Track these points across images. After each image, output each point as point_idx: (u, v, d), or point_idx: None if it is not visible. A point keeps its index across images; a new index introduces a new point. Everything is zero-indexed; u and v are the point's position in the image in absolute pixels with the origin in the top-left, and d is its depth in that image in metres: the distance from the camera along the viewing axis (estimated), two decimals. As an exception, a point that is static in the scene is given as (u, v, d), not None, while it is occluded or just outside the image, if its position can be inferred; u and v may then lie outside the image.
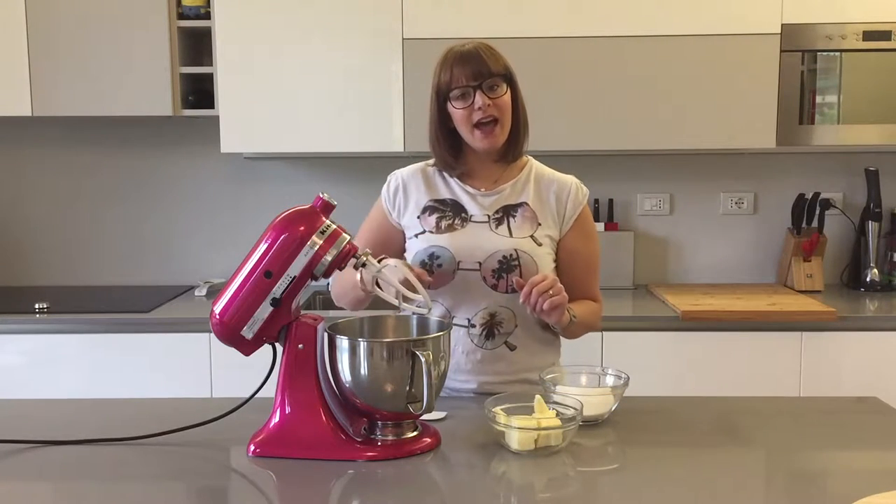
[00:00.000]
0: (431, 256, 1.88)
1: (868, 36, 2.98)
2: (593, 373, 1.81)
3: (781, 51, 3.00)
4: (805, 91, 3.02)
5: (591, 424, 1.69)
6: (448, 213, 1.94)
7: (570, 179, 2.00)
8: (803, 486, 1.47)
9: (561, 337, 2.01)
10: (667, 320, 2.92)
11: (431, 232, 1.92)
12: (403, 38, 3.02)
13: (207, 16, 3.12)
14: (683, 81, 3.03)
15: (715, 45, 3.01)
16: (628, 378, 1.74)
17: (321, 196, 1.57)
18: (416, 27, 3.01)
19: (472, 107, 1.85)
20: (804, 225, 3.33)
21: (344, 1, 3.03)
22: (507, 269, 1.87)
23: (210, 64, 3.18)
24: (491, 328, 1.90)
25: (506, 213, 1.93)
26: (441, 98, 1.89)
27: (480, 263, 1.88)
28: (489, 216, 1.93)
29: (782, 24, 2.99)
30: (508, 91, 1.89)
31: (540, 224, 1.93)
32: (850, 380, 2.86)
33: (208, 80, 3.16)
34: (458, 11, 3.00)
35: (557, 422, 1.55)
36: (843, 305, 3.01)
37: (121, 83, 3.09)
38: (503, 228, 1.92)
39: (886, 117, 3.03)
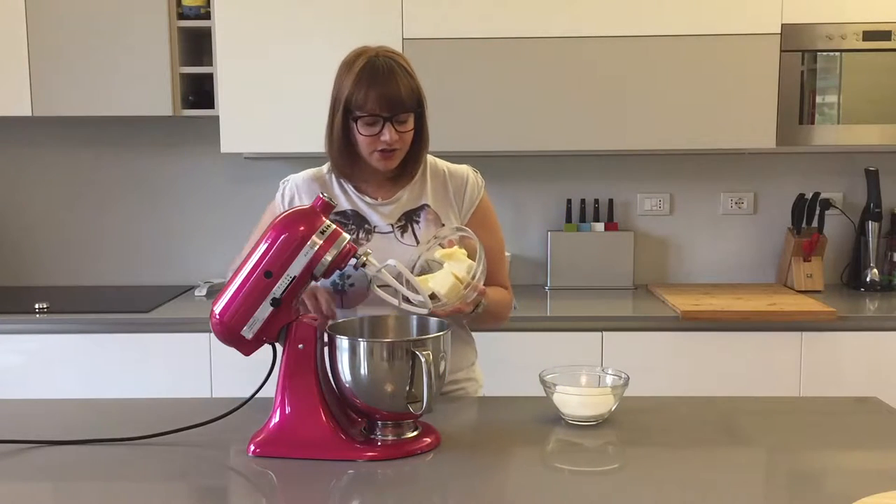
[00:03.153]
0: (342, 276, 1.82)
1: (868, 36, 2.98)
2: (593, 373, 1.81)
3: (781, 51, 3.00)
4: (805, 91, 3.02)
5: (591, 424, 1.69)
6: (351, 226, 1.89)
7: (465, 170, 1.96)
8: (803, 486, 1.47)
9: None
10: (667, 320, 2.92)
11: None
12: (403, 38, 3.02)
13: (207, 16, 3.12)
14: (684, 81, 3.03)
15: (715, 45, 3.01)
16: (628, 378, 1.74)
17: (321, 196, 1.57)
18: (416, 27, 3.01)
19: (379, 137, 1.79)
20: (804, 225, 3.33)
21: (344, 1, 3.03)
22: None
23: (210, 64, 3.18)
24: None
25: (408, 220, 1.90)
26: (345, 110, 1.82)
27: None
28: (392, 225, 1.89)
29: (782, 24, 2.99)
30: (415, 118, 1.83)
31: (443, 224, 1.90)
32: (850, 380, 2.86)
33: (208, 80, 3.16)
34: (458, 11, 3.00)
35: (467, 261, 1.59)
36: (843, 305, 3.01)
37: (121, 83, 3.09)
38: (409, 237, 1.89)
39: (886, 117, 3.03)
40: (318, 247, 1.53)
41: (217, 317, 1.55)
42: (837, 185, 3.44)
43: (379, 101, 1.77)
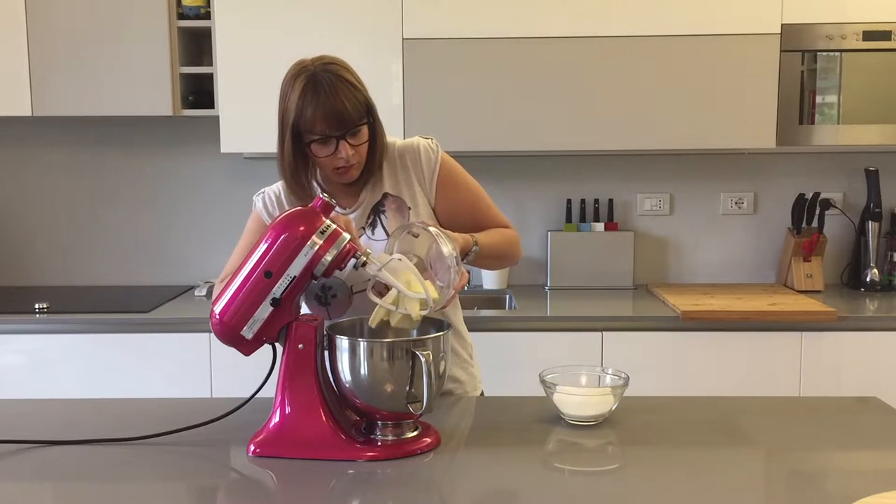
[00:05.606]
0: (324, 288, 1.69)
1: (868, 36, 2.98)
2: (593, 373, 1.81)
3: (781, 51, 3.00)
4: (805, 91, 3.02)
5: (591, 424, 1.69)
6: None
7: (416, 140, 1.92)
8: (803, 486, 1.47)
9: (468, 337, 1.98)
10: (667, 320, 2.92)
11: None
12: (403, 38, 3.02)
13: (207, 16, 3.12)
14: (683, 81, 3.03)
15: (715, 45, 3.01)
16: (628, 378, 1.74)
17: (321, 196, 1.57)
18: (416, 27, 3.01)
19: (336, 155, 1.76)
20: (804, 225, 3.33)
21: (344, 1, 3.03)
22: None
23: (210, 64, 3.18)
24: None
25: (375, 214, 1.88)
26: (294, 133, 1.77)
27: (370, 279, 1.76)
28: (363, 227, 1.88)
29: (782, 24, 2.99)
30: (367, 128, 1.80)
31: (410, 208, 1.87)
32: (850, 380, 2.86)
33: (208, 80, 3.16)
34: (458, 11, 3.00)
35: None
36: (843, 305, 3.01)
37: (121, 83, 3.09)
38: (379, 231, 1.87)
39: (886, 117, 3.03)
40: (318, 247, 1.53)
41: (217, 317, 1.55)
42: (837, 185, 3.44)
43: (327, 120, 1.73)
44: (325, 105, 1.72)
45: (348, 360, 1.53)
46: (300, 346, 1.54)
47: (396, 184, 1.89)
